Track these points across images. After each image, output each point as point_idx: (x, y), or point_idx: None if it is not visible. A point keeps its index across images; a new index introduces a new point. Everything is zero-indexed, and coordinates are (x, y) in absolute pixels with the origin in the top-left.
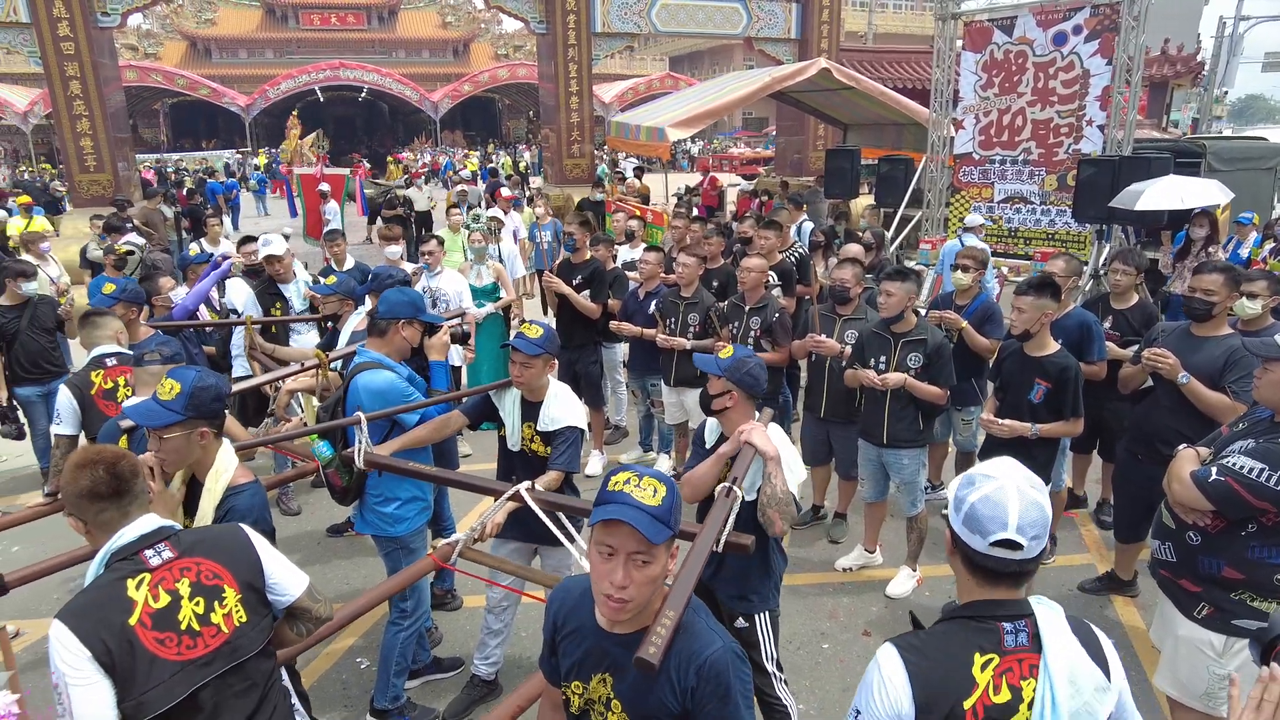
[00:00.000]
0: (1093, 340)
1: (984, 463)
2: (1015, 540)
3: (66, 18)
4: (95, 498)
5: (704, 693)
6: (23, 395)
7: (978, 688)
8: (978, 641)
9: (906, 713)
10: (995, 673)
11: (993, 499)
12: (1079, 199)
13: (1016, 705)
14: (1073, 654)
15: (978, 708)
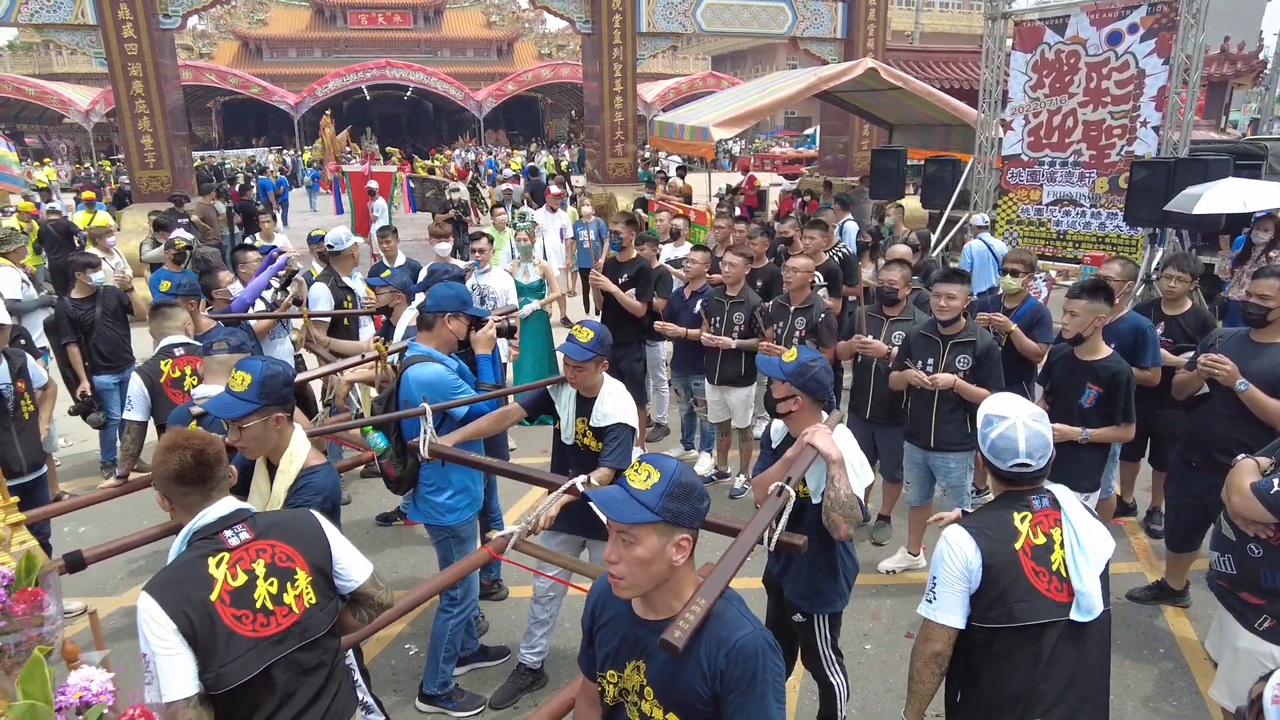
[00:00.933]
0: (1147, 345)
1: (997, 401)
2: (1025, 463)
3: (130, 20)
4: (181, 480)
5: (732, 676)
6: (99, 384)
7: (1020, 535)
8: (1014, 507)
9: (974, 563)
10: (1031, 524)
11: (1007, 434)
12: (1131, 202)
13: (1051, 546)
14: (1082, 511)
15: (1025, 547)
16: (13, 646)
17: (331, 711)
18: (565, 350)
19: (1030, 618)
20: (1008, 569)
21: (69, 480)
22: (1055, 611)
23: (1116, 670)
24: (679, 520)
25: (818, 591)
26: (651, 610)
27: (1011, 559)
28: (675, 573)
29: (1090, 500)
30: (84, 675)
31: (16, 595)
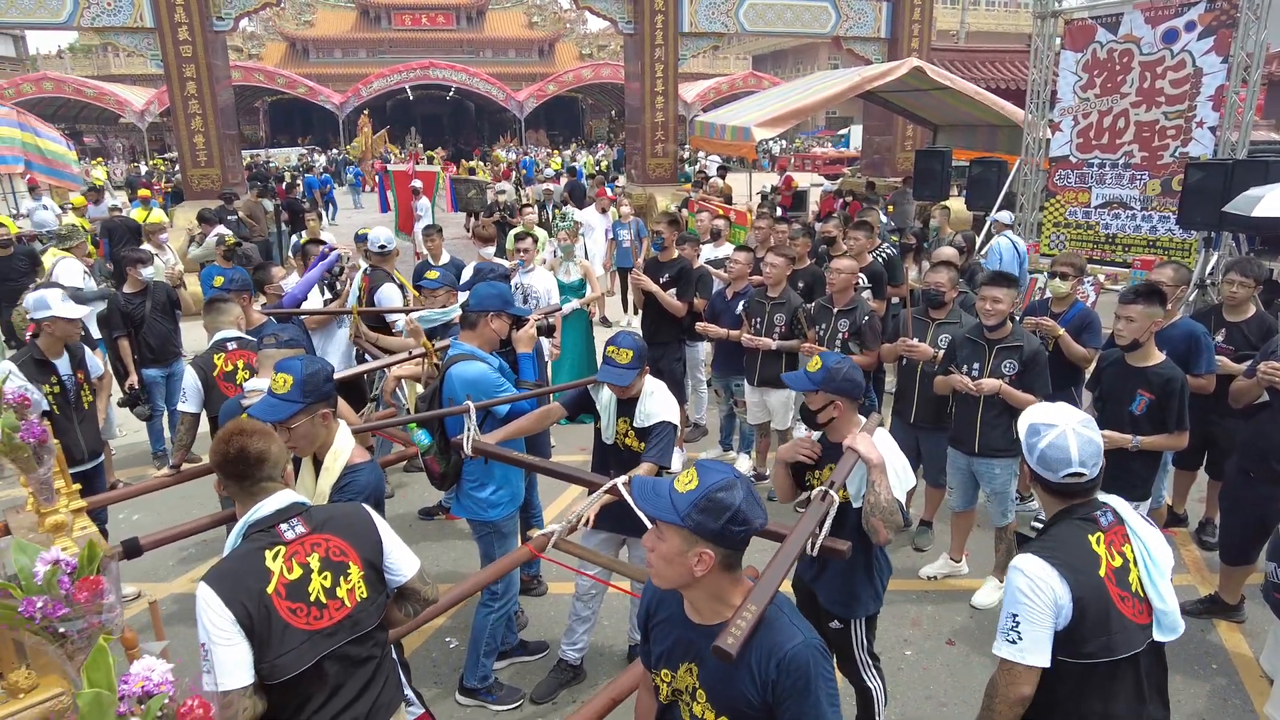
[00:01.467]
0: (1201, 352)
1: (1041, 409)
2: (1080, 472)
3: (186, 23)
4: (225, 473)
5: (784, 686)
6: (147, 376)
7: (1101, 560)
8: (1084, 528)
9: (1064, 598)
10: (1105, 545)
11: (1057, 444)
12: (1185, 204)
13: (1128, 566)
14: (1143, 523)
15: (1109, 573)
16: (75, 633)
17: (379, 703)
18: (606, 379)
19: (1126, 649)
20: (1098, 600)
21: (122, 469)
22: (1144, 636)
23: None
24: (700, 532)
25: (854, 597)
26: (699, 615)
27: (1099, 588)
28: (706, 581)
29: (1140, 510)
30: (145, 665)
31: (79, 583)
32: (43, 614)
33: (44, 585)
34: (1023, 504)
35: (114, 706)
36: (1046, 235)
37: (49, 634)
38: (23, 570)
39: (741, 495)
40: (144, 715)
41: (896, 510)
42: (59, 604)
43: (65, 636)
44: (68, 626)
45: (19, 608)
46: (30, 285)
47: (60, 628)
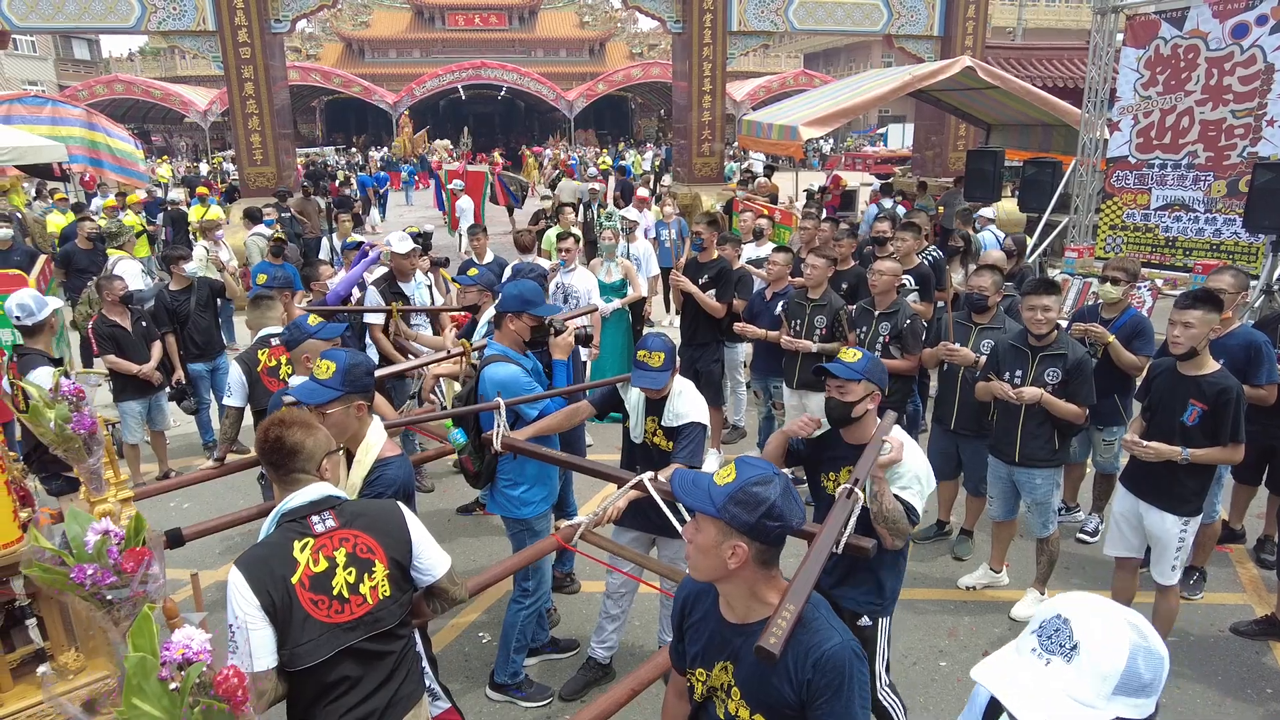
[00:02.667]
0: (1261, 363)
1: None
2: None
3: (245, 25)
4: (263, 458)
5: (819, 685)
6: (192, 371)
7: None
8: None
9: None
10: None
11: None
12: (1252, 207)
13: None
14: None
15: None
16: (121, 600)
17: (398, 696)
18: (641, 384)
19: None
20: None
21: (176, 458)
22: None
23: (1217, 709)
24: (735, 524)
25: (882, 590)
26: (733, 613)
27: None
28: (740, 575)
29: (1190, 525)
30: (185, 634)
31: (127, 554)
32: (93, 581)
33: (94, 554)
34: (1068, 514)
35: (156, 671)
36: (1102, 238)
37: (97, 600)
38: (75, 539)
39: (778, 491)
40: (183, 681)
41: (901, 517)
42: (108, 572)
43: (112, 604)
44: (115, 594)
45: (71, 574)
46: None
47: (108, 595)
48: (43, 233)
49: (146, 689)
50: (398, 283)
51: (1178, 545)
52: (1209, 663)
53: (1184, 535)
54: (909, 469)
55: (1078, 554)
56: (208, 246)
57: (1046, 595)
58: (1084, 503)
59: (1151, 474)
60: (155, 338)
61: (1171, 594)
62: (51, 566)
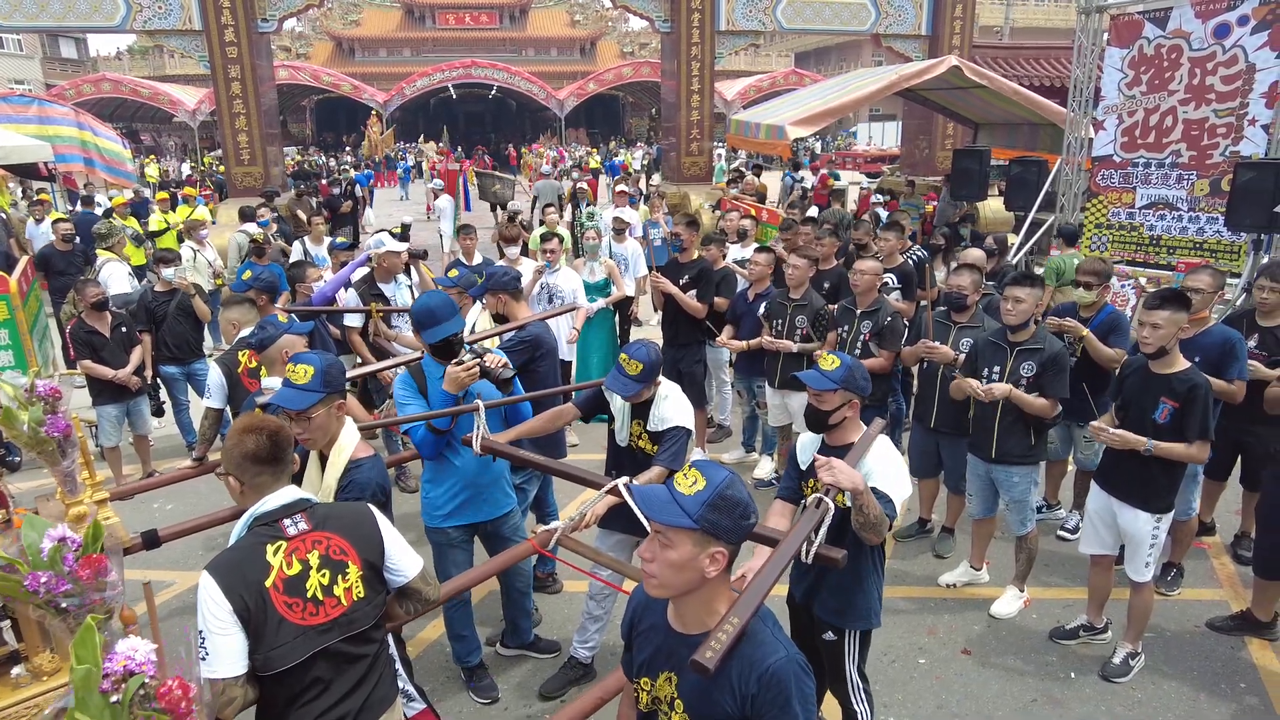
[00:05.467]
0: (1235, 359)
1: None
2: None
3: (231, 25)
4: (256, 461)
5: (763, 700)
6: (167, 373)
7: None
8: None
9: None
10: None
11: None
12: (1234, 205)
13: None
14: None
15: None
16: (75, 609)
17: (372, 699)
18: (612, 386)
19: None
20: None
21: (161, 459)
22: None
23: (1192, 704)
24: (715, 532)
25: (850, 605)
26: (683, 624)
27: None
28: (708, 585)
29: (1163, 522)
30: (129, 645)
31: (83, 561)
32: (46, 589)
33: (49, 561)
34: (1049, 511)
35: (99, 682)
36: (1088, 237)
37: (52, 609)
38: (30, 546)
39: (745, 489)
40: (123, 694)
41: (884, 523)
42: (62, 580)
43: (67, 611)
44: (69, 602)
45: (24, 581)
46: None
47: (62, 603)
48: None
49: (89, 702)
50: (378, 284)
51: (1151, 542)
52: (1184, 659)
53: (1157, 532)
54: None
55: (1058, 551)
56: (194, 248)
57: (1026, 593)
58: (1064, 500)
59: (1124, 471)
60: (135, 343)
61: (1146, 590)
62: (4, 575)
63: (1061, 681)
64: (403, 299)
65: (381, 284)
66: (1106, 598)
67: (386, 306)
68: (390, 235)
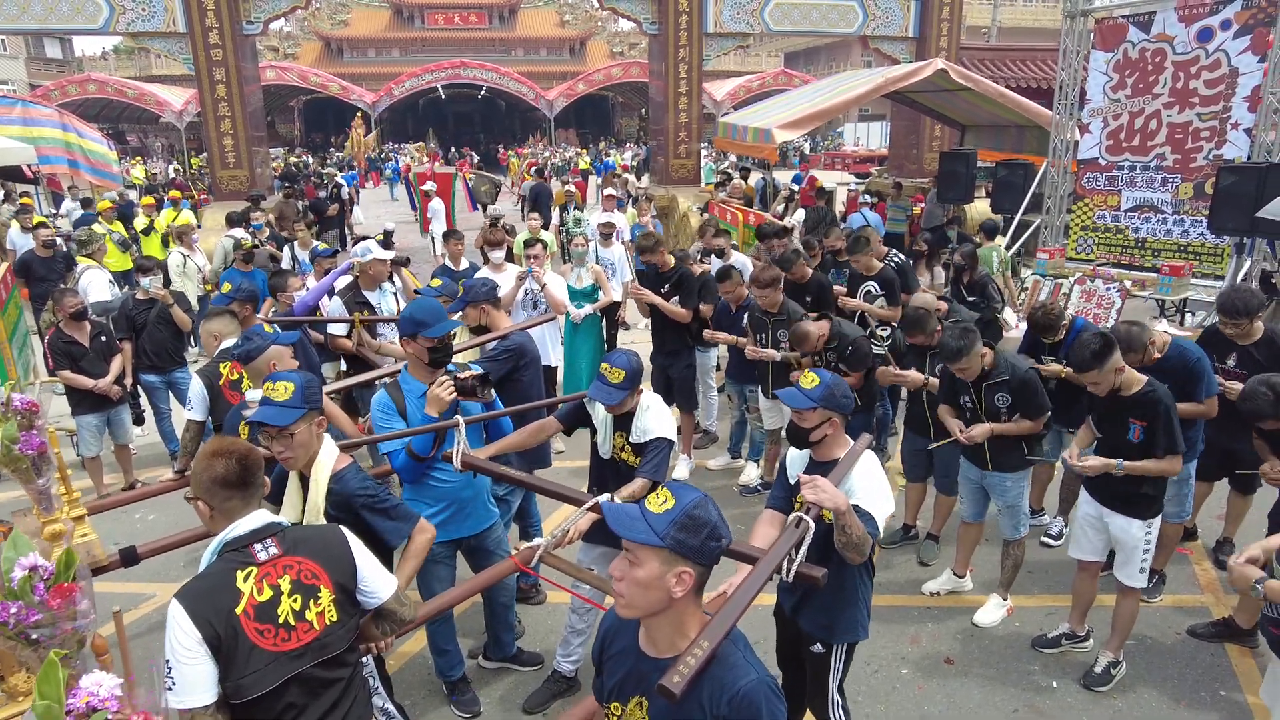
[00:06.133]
0: (1199, 378)
1: None
2: None
3: (216, 27)
4: (225, 485)
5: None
6: (147, 381)
7: None
8: None
9: None
10: None
11: None
12: (1216, 209)
13: None
14: None
15: None
16: (47, 638)
17: None
18: (595, 395)
19: None
20: None
21: (143, 468)
22: None
23: (1170, 710)
24: (682, 551)
25: (838, 619)
26: (655, 647)
27: None
28: (676, 606)
29: (1154, 526)
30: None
31: (54, 590)
32: (16, 619)
33: (19, 591)
34: (1034, 518)
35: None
36: (1074, 239)
37: (23, 640)
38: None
39: (715, 511)
40: None
41: (867, 542)
42: (32, 610)
43: (38, 642)
44: (40, 633)
45: None
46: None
47: (33, 634)
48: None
49: None
50: (362, 292)
51: (1145, 548)
52: (1166, 665)
53: (1149, 537)
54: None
55: (1041, 559)
56: (184, 253)
57: (1009, 601)
58: (1049, 506)
59: (1112, 482)
60: (115, 352)
61: (1133, 597)
62: None
63: (1043, 691)
64: (388, 306)
65: (366, 292)
66: (1090, 604)
67: (371, 316)
68: (376, 243)
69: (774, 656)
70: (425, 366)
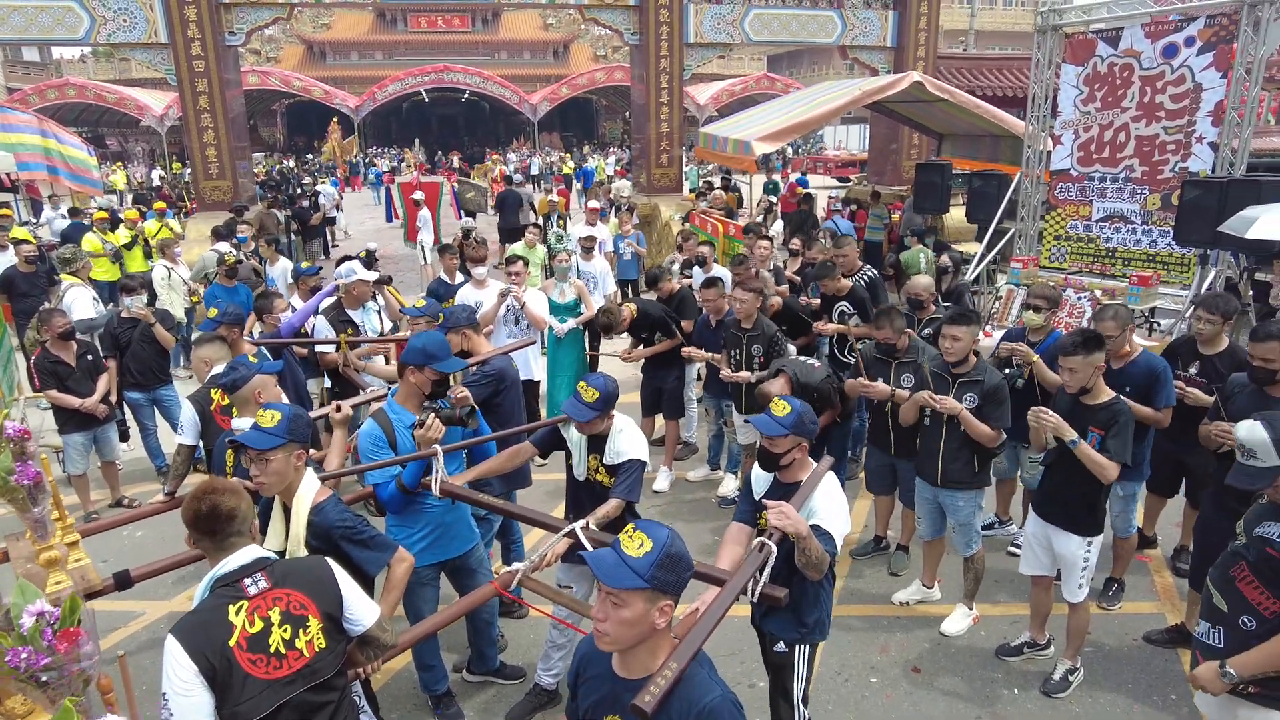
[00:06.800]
0: (1161, 387)
1: None
2: None
3: (199, 38)
4: (196, 529)
5: None
6: (131, 398)
7: None
8: None
9: None
10: None
11: None
12: (1182, 221)
13: None
14: None
15: None
16: (55, 680)
17: None
18: (567, 411)
19: None
20: None
21: (130, 484)
22: None
23: (1124, 714)
24: (665, 588)
25: (800, 620)
26: (628, 670)
27: None
28: (656, 634)
29: (1093, 545)
30: None
31: (60, 634)
32: (26, 664)
33: (29, 637)
34: (1001, 527)
35: None
36: (1047, 248)
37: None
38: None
39: (682, 542)
40: None
41: (825, 561)
42: (41, 655)
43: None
44: (49, 675)
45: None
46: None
47: (43, 677)
48: None
49: None
50: (346, 310)
51: (1083, 565)
52: (1121, 671)
53: (1088, 554)
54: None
55: (1008, 568)
56: (168, 266)
57: (975, 610)
58: (1015, 515)
59: (1054, 501)
60: (101, 371)
61: (1082, 610)
62: None
63: (1005, 698)
64: (371, 325)
65: (350, 311)
66: (1048, 615)
67: (356, 336)
68: (359, 263)
69: (748, 667)
70: (420, 398)
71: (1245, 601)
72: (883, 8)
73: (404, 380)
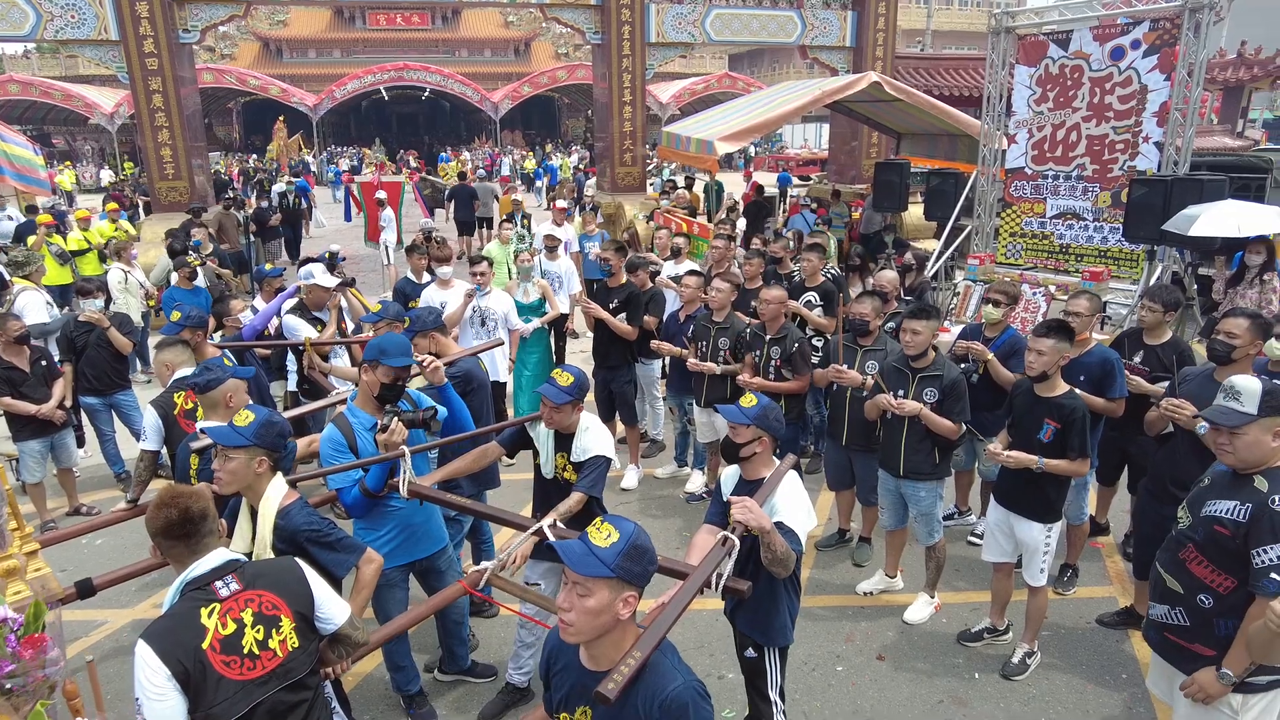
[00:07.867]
0: (1114, 378)
1: None
2: None
3: (151, 35)
4: (168, 536)
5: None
6: (88, 404)
7: None
8: None
9: None
10: None
11: None
12: (1130, 219)
13: None
14: None
15: None
16: (20, 687)
17: None
18: (544, 392)
19: None
20: None
21: (87, 491)
22: None
23: (1079, 695)
24: (630, 579)
25: (768, 623)
26: (595, 662)
27: None
28: (618, 626)
29: (1054, 531)
30: None
31: (24, 641)
32: None
33: None
34: (960, 518)
35: None
36: (1003, 244)
37: None
38: None
39: (648, 537)
40: None
41: (791, 558)
42: (5, 662)
43: (11, 691)
44: (14, 682)
45: None
46: None
47: (7, 684)
48: None
49: None
50: (311, 311)
51: (1045, 550)
52: (1075, 653)
53: (1049, 540)
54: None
55: (967, 556)
56: (124, 269)
57: (937, 598)
58: (974, 507)
59: (1017, 488)
60: (56, 376)
61: (1041, 594)
62: None
63: (966, 682)
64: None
65: (315, 311)
66: (1008, 601)
67: (319, 339)
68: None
69: (717, 659)
70: (374, 400)
71: (1199, 581)
72: (841, 8)
73: (362, 381)
